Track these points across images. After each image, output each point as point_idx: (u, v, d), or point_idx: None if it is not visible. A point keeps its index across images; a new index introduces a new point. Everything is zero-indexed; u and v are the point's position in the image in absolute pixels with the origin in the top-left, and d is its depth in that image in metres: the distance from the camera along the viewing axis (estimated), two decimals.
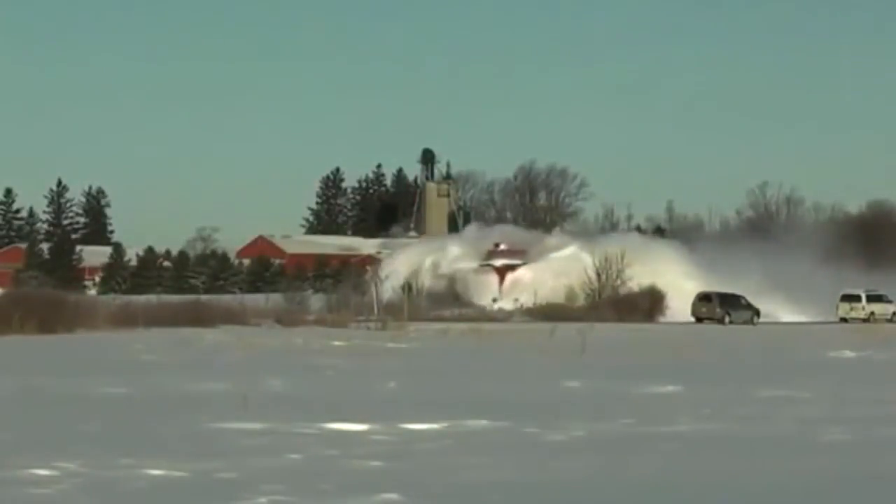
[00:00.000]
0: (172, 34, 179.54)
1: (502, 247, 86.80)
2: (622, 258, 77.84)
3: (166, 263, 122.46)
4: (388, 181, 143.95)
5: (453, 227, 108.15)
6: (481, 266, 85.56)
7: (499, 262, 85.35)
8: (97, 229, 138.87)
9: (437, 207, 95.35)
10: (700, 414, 21.17)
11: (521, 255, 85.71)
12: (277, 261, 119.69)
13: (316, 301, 73.30)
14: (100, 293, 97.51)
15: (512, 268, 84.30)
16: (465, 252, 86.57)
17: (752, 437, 18.29)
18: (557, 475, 14.43)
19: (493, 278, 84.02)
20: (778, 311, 74.35)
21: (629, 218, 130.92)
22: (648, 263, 79.40)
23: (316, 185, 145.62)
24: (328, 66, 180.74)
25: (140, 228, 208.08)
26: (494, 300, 79.22)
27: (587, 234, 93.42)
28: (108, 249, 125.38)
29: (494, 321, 64.15)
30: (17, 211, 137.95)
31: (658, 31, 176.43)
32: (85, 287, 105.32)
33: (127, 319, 48.95)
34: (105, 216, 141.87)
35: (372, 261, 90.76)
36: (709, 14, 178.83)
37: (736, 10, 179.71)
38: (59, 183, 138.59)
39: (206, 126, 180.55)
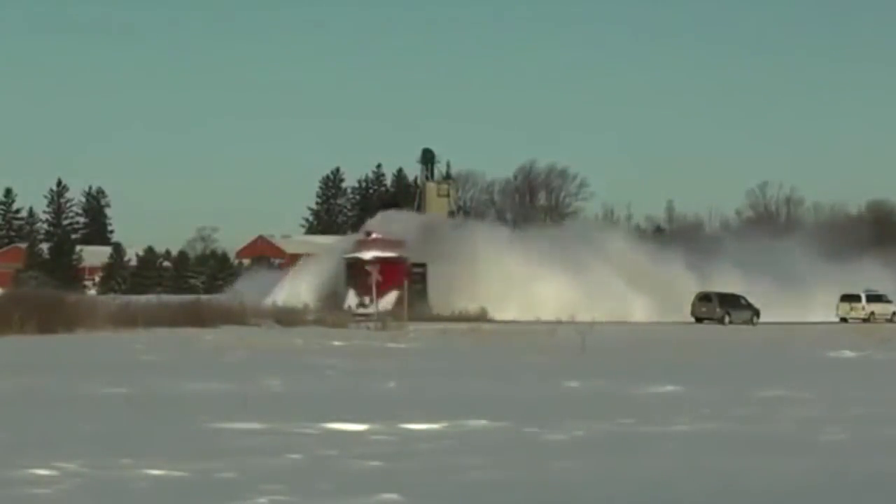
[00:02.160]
0: (172, 34, 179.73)
1: (375, 236, 73.89)
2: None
3: (166, 263, 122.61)
4: (388, 181, 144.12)
5: None
6: (347, 260, 72.71)
7: (369, 255, 70.93)
8: (97, 229, 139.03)
9: (437, 207, 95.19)
10: (700, 414, 21.17)
11: (400, 246, 72.71)
12: (277, 261, 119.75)
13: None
14: (100, 293, 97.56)
15: (387, 262, 70.12)
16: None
17: (752, 437, 18.29)
18: (557, 475, 14.43)
19: (363, 275, 69.72)
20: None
21: (629, 218, 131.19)
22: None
23: (316, 185, 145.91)
24: (328, 66, 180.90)
25: (140, 228, 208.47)
26: (361, 303, 67.62)
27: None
28: (108, 249, 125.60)
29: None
30: (17, 211, 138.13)
31: (658, 31, 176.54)
32: (85, 287, 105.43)
33: (127, 319, 48.91)
34: (105, 216, 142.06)
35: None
36: (709, 14, 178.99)
37: (736, 9, 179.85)
38: (59, 183, 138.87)
39: (206, 126, 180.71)
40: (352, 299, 69.19)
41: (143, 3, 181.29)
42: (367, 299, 66.96)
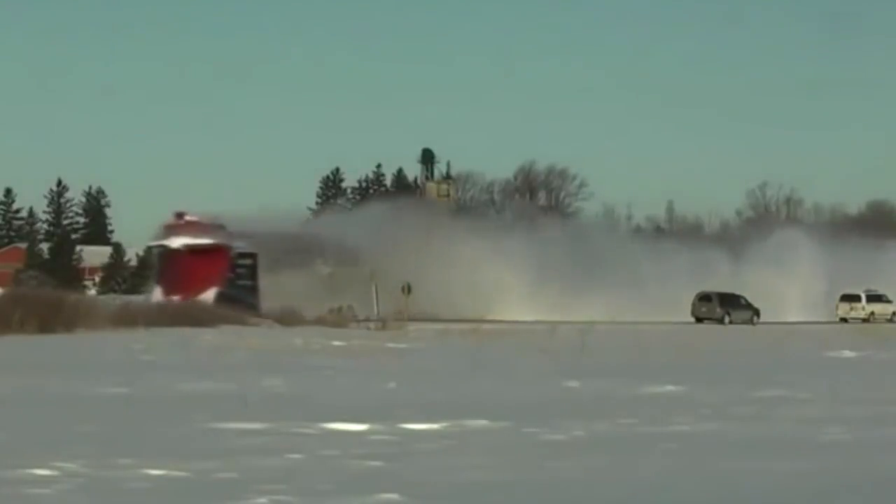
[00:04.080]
0: (172, 34, 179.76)
1: (189, 218, 61.06)
2: None
3: None
4: (388, 181, 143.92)
5: None
6: (152, 249, 63.34)
7: (177, 243, 59.81)
8: (97, 229, 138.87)
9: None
10: (700, 414, 21.16)
11: (218, 232, 60.74)
12: None
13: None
14: (100, 293, 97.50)
15: (201, 251, 59.02)
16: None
17: (752, 437, 18.28)
18: (557, 475, 14.42)
19: (171, 267, 59.22)
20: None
21: (629, 218, 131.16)
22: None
23: (316, 185, 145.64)
24: (328, 66, 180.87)
25: (140, 228, 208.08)
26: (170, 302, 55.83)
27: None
28: (108, 249, 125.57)
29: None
30: (17, 211, 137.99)
31: (658, 31, 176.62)
32: (85, 287, 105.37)
33: (127, 319, 48.91)
34: (105, 216, 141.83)
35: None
36: (709, 14, 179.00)
37: (736, 9, 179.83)
38: (59, 183, 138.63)
39: (205, 126, 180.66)
40: (158, 297, 57.76)
41: (143, 2, 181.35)
42: (176, 299, 56.36)
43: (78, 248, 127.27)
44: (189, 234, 59.94)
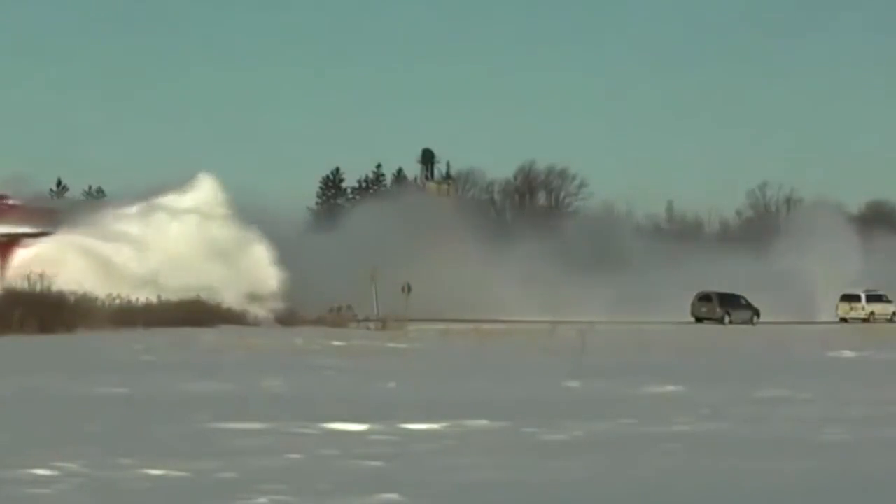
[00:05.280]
0: (172, 35, 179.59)
1: (11, 202, 52.58)
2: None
3: None
4: (388, 181, 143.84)
5: None
6: None
7: None
8: None
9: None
10: (700, 414, 21.17)
11: (49, 217, 53.07)
12: None
13: None
14: None
15: (20, 239, 51.42)
16: None
17: (752, 437, 18.29)
18: (557, 475, 14.43)
19: None
20: None
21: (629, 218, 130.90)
22: None
23: (316, 185, 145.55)
24: (328, 66, 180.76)
25: None
26: None
27: None
28: None
29: None
30: None
31: (658, 31, 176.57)
32: None
33: (127, 319, 48.90)
34: None
35: None
36: (708, 14, 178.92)
37: (734, 9, 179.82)
38: (59, 183, 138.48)
39: (205, 126, 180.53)
40: None
41: (143, 2, 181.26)
42: None
43: None
44: (9, 221, 51.90)
